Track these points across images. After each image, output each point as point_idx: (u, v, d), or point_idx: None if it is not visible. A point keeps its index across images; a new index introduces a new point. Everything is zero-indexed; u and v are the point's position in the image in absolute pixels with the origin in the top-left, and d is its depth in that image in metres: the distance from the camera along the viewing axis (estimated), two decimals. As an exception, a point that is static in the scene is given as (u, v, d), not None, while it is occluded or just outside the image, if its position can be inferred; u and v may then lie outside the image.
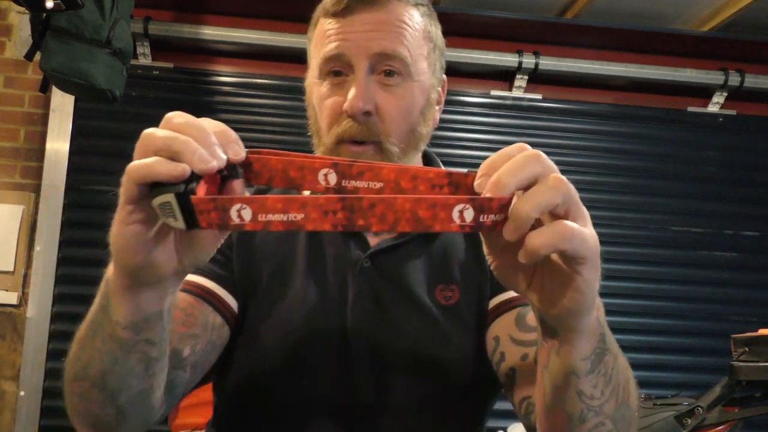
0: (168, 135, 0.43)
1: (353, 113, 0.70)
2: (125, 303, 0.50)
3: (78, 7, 1.62)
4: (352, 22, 0.71)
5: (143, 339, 0.53)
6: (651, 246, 2.46)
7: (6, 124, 2.34)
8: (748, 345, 1.55)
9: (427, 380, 0.73)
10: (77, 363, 0.56)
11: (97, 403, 0.56)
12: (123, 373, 0.54)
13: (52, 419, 2.19)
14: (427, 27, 0.77)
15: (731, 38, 2.43)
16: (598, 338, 0.50)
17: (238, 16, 2.38)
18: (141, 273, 0.48)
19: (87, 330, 0.55)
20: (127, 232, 0.45)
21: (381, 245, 0.76)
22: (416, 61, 0.73)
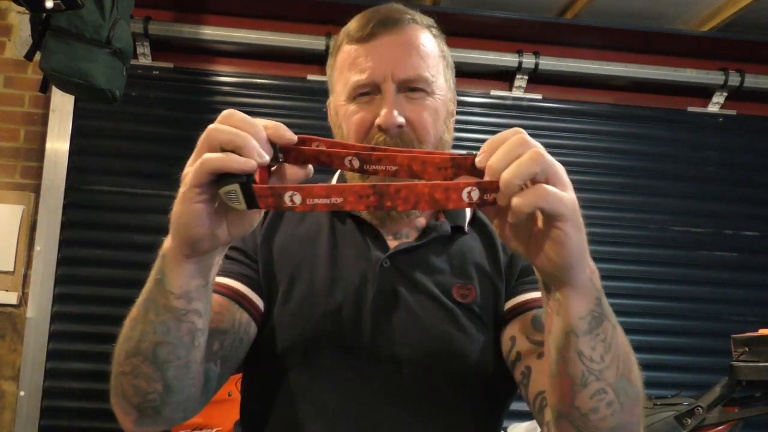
0: (232, 131, 0.52)
1: (387, 126, 0.75)
2: (181, 272, 0.58)
3: (78, 7, 1.62)
4: (376, 47, 0.77)
5: (193, 309, 0.60)
6: (651, 246, 2.46)
7: (6, 124, 2.35)
8: (748, 345, 1.55)
9: (444, 373, 0.75)
10: (128, 342, 0.62)
11: (146, 378, 0.62)
12: (174, 343, 0.61)
13: (52, 419, 2.19)
14: (441, 47, 0.83)
15: (731, 38, 2.43)
16: (594, 300, 0.56)
17: (238, 16, 2.38)
18: (200, 243, 0.56)
19: (140, 308, 0.62)
20: (194, 209, 0.54)
21: (400, 247, 0.80)
22: (436, 78, 0.80)
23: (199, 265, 0.59)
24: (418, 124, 0.77)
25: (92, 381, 2.17)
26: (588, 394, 0.57)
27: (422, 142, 0.77)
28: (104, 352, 2.05)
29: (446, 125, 0.82)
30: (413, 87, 0.77)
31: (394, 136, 0.76)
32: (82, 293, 2.24)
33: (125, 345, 0.62)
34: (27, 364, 2.20)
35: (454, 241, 0.83)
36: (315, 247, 0.82)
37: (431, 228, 0.82)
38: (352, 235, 0.82)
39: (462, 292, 0.79)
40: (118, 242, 2.25)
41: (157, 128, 2.35)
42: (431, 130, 0.78)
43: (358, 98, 0.78)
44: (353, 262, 0.80)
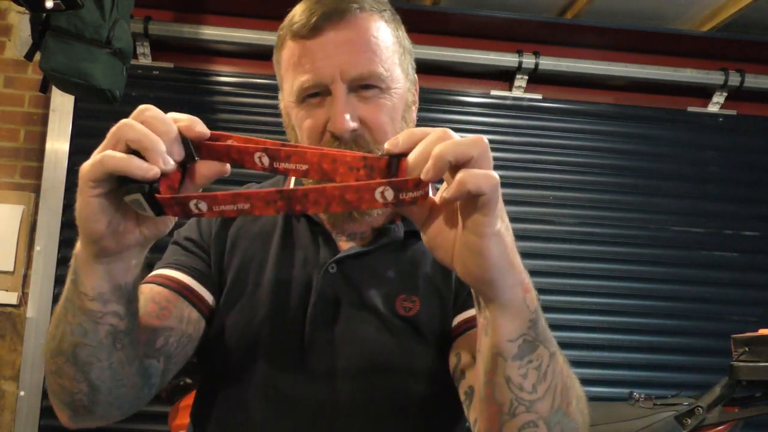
0: (141, 131, 0.49)
1: (341, 133, 0.69)
2: (92, 274, 0.55)
3: (78, 7, 1.61)
4: (322, 44, 0.70)
5: (110, 311, 0.57)
6: (651, 246, 2.46)
7: (6, 124, 2.34)
8: (748, 345, 1.55)
9: (379, 389, 0.72)
10: (52, 341, 0.60)
11: (70, 379, 0.60)
12: (93, 346, 0.58)
13: (52, 419, 2.18)
14: (395, 32, 0.76)
15: (731, 38, 2.43)
16: (526, 323, 0.52)
17: (238, 16, 2.38)
18: (105, 241, 0.52)
19: (60, 308, 0.59)
20: (90, 203, 0.50)
21: (350, 251, 0.77)
22: (391, 72, 0.73)
23: (111, 266, 0.55)
24: (374, 126, 0.71)
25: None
26: (516, 425, 0.53)
27: (379, 144, 0.71)
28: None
29: (405, 120, 0.76)
30: (366, 84, 0.71)
31: (348, 141, 0.70)
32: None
33: (50, 344, 0.61)
34: (27, 364, 2.20)
35: (406, 247, 0.79)
36: (266, 245, 0.79)
37: (384, 232, 0.78)
38: (303, 236, 0.79)
39: (405, 304, 0.75)
40: (118, 242, 2.25)
41: (157, 128, 2.34)
42: (389, 129, 0.72)
43: (307, 100, 0.72)
44: (300, 265, 0.77)
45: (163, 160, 0.49)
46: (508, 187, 2.43)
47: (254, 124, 2.36)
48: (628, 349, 2.39)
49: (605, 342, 2.38)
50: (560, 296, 2.37)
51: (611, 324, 2.40)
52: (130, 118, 0.51)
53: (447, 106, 2.44)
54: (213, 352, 0.76)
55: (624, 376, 2.36)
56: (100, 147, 0.51)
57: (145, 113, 0.51)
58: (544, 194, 2.45)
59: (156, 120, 0.51)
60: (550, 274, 2.37)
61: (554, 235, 2.42)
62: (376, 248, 0.78)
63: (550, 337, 0.55)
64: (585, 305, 2.40)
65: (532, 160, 2.46)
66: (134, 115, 0.51)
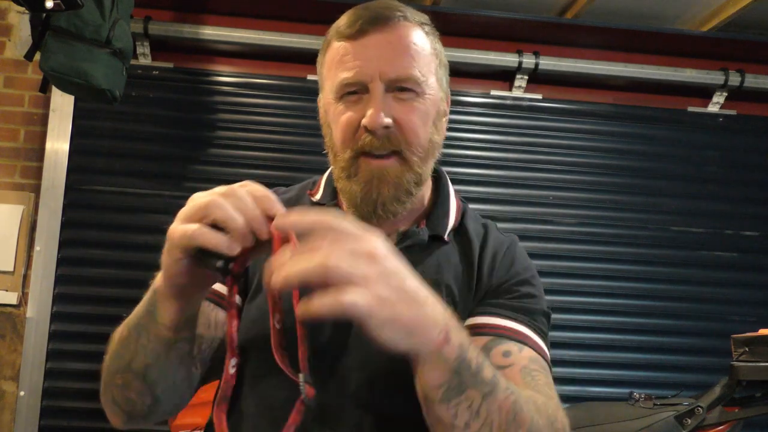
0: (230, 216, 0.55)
1: (374, 128, 0.73)
2: (170, 308, 0.63)
3: (78, 7, 1.61)
4: (365, 45, 0.75)
5: (182, 337, 0.65)
6: (651, 246, 2.46)
7: (6, 124, 2.34)
8: (748, 345, 1.55)
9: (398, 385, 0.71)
10: (119, 359, 0.68)
11: (137, 393, 0.68)
12: (163, 367, 0.66)
13: (52, 419, 2.19)
14: (433, 44, 0.80)
15: (731, 38, 2.43)
16: (448, 372, 0.55)
17: (238, 16, 2.38)
18: (187, 289, 0.61)
19: (131, 330, 0.67)
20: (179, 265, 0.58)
21: None
22: (427, 78, 0.77)
23: (188, 302, 0.63)
24: (405, 126, 0.75)
25: (92, 381, 2.16)
26: None
27: (410, 144, 0.75)
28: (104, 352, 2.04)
29: (436, 126, 0.79)
30: (402, 87, 0.75)
31: (381, 137, 0.74)
32: (82, 293, 2.24)
33: (116, 361, 0.68)
34: (27, 364, 2.20)
35: (431, 250, 0.81)
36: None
37: (409, 235, 0.80)
38: None
39: None
40: (118, 242, 2.25)
41: (157, 128, 2.34)
42: (420, 132, 0.76)
43: (346, 97, 0.76)
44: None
45: (245, 239, 0.55)
46: (509, 187, 2.43)
47: (254, 124, 2.36)
48: (628, 349, 2.39)
49: (605, 342, 2.38)
50: (560, 296, 2.37)
51: (611, 324, 2.40)
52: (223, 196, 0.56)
53: (447, 106, 2.44)
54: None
55: (624, 376, 2.36)
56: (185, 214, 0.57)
57: (236, 194, 0.56)
58: (544, 194, 2.45)
59: (243, 202, 0.56)
60: (550, 274, 2.37)
61: (554, 235, 2.42)
62: (403, 249, 0.78)
63: (486, 377, 0.57)
64: (585, 305, 2.40)
65: (532, 160, 2.46)
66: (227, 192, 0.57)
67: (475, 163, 2.42)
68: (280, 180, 2.07)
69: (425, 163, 0.78)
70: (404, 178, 0.76)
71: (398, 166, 0.75)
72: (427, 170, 0.79)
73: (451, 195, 0.88)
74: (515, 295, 0.79)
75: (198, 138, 2.34)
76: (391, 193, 0.75)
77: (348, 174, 0.77)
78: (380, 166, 0.75)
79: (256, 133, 2.36)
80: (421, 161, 0.77)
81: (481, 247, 0.83)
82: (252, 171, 2.33)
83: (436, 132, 0.79)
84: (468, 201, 0.94)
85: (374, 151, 0.74)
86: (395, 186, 0.75)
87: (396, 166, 0.75)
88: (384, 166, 0.75)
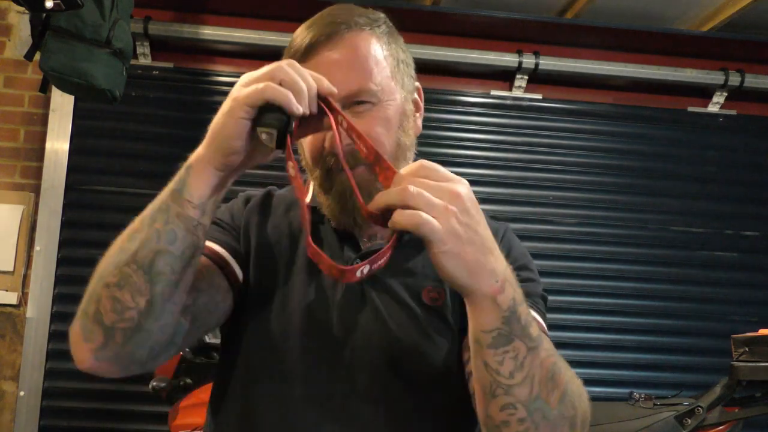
0: (294, 78, 0.59)
1: (336, 150, 0.71)
2: (205, 182, 0.63)
3: (78, 7, 1.61)
4: (315, 66, 0.72)
5: (203, 223, 0.65)
6: (651, 246, 2.46)
7: (6, 124, 2.35)
8: (748, 345, 1.55)
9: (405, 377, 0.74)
10: (121, 254, 0.63)
11: (133, 290, 0.62)
12: (175, 254, 0.63)
13: (52, 419, 2.19)
14: (387, 47, 0.79)
15: (731, 38, 2.43)
16: (499, 319, 0.58)
17: (238, 16, 2.38)
18: (235, 156, 0.62)
19: (144, 219, 0.65)
20: (239, 123, 0.59)
21: (372, 247, 0.80)
22: (384, 87, 0.76)
23: (222, 179, 0.64)
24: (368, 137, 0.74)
25: (92, 381, 2.17)
26: (497, 405, 0.59)
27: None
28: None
29: (403, 129, 0.79)
30: (358, 101, 0.74)
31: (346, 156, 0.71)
32: (82, 293, 2.23)
33: (116, 257, 0.64)
34: (27, 364, 2.20)
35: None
36: (296, 245, 0.82)
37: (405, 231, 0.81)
38: (329, 237, 0.82)
39: (432, 295, 0.77)
40: (118, 242, 2.25)
41: (157, 128, 2.35)
42: (384, 140, 0.75)
43: None
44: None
45: (307, 104, 0.59)
46: (509, 187, 2.43)
47: (254, 124, 2.36)
48: (628, 349, 2.39)
49: (605, 342, 2.38)
50: (560, 296, 2.37)
51: (611, 324, 2.40)
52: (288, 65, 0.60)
53: (447, 106, 2.44)
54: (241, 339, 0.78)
55: (624, 376, 2.36)
56: (254, 79, 0.59)
57: (295, 65, 0.60)
58: (544, 194, 2.45)
59: (305, 74, 0.60)
60: (550, 274, 2.37)
61: (554, 235, 2.43)
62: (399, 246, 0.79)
63: (532, 333, 0.60)
64: (585, 305, 2.40)
65: (532, 160, 2.46)
66: (285, 64, 0.60)
67: (475, 163, 2.42)
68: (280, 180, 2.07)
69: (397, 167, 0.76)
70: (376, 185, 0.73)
71: (368, 176, 0.74)
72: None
73: None
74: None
75: (198, 138, 2.31)
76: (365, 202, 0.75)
77: (324, 189, 0.78)
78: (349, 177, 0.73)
79: (256, 133, 2.36)
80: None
81: None
82: (252, 171, 2.32)
83: (404, 134, 0.79)
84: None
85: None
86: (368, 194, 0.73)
87: (365, 175, 0.74)
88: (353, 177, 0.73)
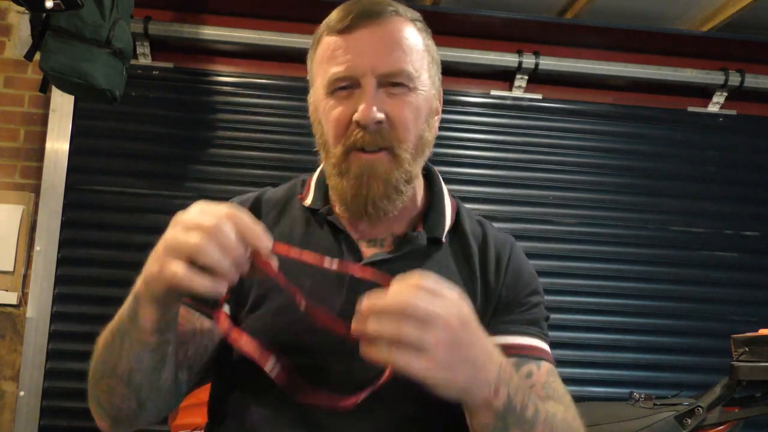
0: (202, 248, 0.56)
1: (366, 123, 0.72)
2: (151, 312, 0.63)
3: (78, 7, 1.61)
4: (356, 39, 0.74)
5: (164, 340, 0.65)
6: (651, 246, 2.46)
7: (6, 124, 2.34)
8: (748, 345, 1.55)
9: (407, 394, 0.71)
10: (103, 364, 0.68)
11: (121, 397, 0.68)
12: (147, 372, 0.66)
13: (52, 419, 2.19)
14: (426, 41, 0.80)
15: (731, 38, 2.43)
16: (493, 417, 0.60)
17: (238, 16, 2.38)
18: (170, 296, 0.61)
19: (115, 336, 0.67)
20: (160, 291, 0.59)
21: (373, 258, 0.78)
22: (419, 74, 0.76)
23: (168, 307, 0.63)
24: (397, 121, 0.74)
25: (92, 381, 2.17)
26: None
27: (401, 141, 0.74)
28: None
29: (428, 123, 0.79)
30: (394, 82, 0.74)
31: (372, 133, 0.73)
32: (82, 293, 2.24)
33: (101, 366, 0.69)
34: (27, 364, 2.20)
35: (430, 255, 0.80)
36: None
37: (407, 240, 0.80)
38: (326, 242, 0.80)
39: None
40: (118, 242, 2.25)
41: (157, 128, 2.34)
42: (411, 127, 0.75)
43: (337, 92, 0.75)
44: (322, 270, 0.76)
45: (227, 278, 0.58)
46: (509, 187, 2.43)
47: (254, 124, 2.36)
48: (628, 349, 2.39)
49: (605, 342, 2.38)
50: (560, 296, 2.37)
51: (611, 324, 2.40)
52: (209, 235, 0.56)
53: (447, 106, 2.44)
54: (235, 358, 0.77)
55: (624, 376, 2.36)
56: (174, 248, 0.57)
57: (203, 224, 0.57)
58: (544, 194, 2.44)
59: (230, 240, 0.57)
60: (550, 274, 2.37)
61: (554, 235, 2.42)
62: (401, 255, 0.78)
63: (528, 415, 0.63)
64: (585, 305, 2.40)
65: (532, 160, 2.46)
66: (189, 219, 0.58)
67: (475, 163, 2.42)
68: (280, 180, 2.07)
69: (415, 161, 0.77)
70: (393, 175, 0.75)
71: (388, 163, 0.74)
72: (417, 168, 0.79)
73: (445, 194, 0.87)
74: (526, 306, 0.81)
75: (198, 138, 2.34)
76: (380, 190, 0.75)
77: (339, 170, 0.76)
78: (370, 161, 0.74)
79: (256, 133, 2.36)
80: (411, 158, 0.76)
81: (482, 250, 0.83)
82: (252, 171, 2.33)
83: (428, 129, 0.79)
84: (468, 201, 0.94)
85: (365, 146, 0.73)
86: (385, 182, 0.74)
87: (386, 162, 0.74)
88: (373, 161, 0.74)
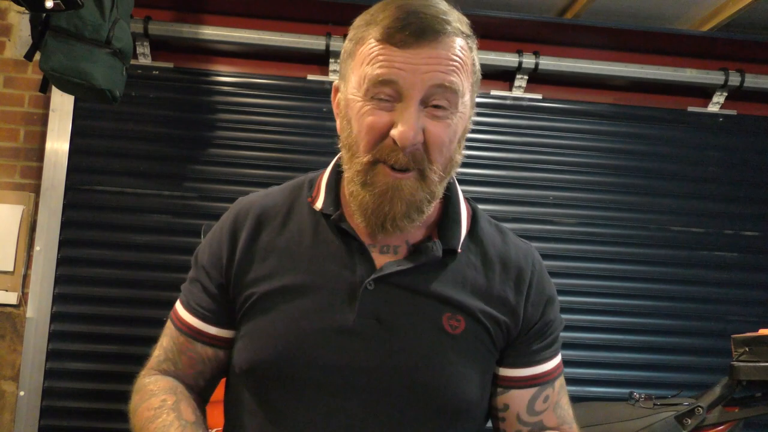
0: None
1: (404, 145, 0.69)
2: None
3: (78, 7, 1.61)
4: (414, 54, 0.69)
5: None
6: (651, 246, 2.46)
7: (6, 124, 2.34)
8: (748, 345, 1.55)
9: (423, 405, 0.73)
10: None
11: None
12: None
13: (52, 419, 2.19)
14: (474, 59, 0.79)
15: (731, 38, 2.43)
16: None
17: (238, 16, 2.38)
18: None
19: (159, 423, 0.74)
20: None
21: (387, 269, 0.76)
22: (464, 94, 0.75)
23: None
24: (433, 145, 0.71)
25: (92, 381, 2.17)
26: None
27: (432, 163, 0.72)
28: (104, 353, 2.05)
29: (459, 145, 0.76)
30: (437, 104, 0.71)
31: (407, 153, 0.70)
32: (82, 293, 2.24)
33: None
34: (27, 364, 2.20)
35: (446, 266, 0.78)
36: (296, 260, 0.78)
37: (422, 250, 0.77)
38: (337, 249, 0.78)
39: (452, 322, 0.75)
40: (118, 242, 2.25)
41: (157, 128, 2.34)
42: (444, 151, 0.72)
43: (377, 97, 0.71)
44: (334, 279, 0.76)
45: None
46: (509, 187, 2.43)
47: (254, 124, 2.36)
48: (628, 349, 2.39)
49: (605, 342, 2.38)
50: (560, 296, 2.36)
51: (611, 324, 2.40)
52: None
53: (447, 106, 2.44)
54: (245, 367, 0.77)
55: (624, 376, 2.36)
56: None
57: None
58: (544, 194, 2.45)
59: None
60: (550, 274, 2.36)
61: (554, 235, 2.43)
62: (416, 266, 0.77)
63: None
64: (585, 305, 2.40)
65: (532, 160, 2.46)
66: None
67: (475, 163, 2.42)
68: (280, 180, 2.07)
69: (441, 183, 0.75)
70: (418, 195, 0.73)
71: (415, 183, 0.72)
72: (441, 189, 0.77)
73: (461, 200, 0.86)
74: (550, 329, 0.83)
75: (198, 138, 2.34)
76: (402, 210, 0.72)
77: (363, 181, 0.73)
78: (397, 180, 0.71)
79: (256, 133, 2.36)
80: (439, 180, 0.74)
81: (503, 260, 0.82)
82: (252, 171, 2.33)
83: (459, 151, 0.76)
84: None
85: (396, 165, 0.71)
86: (408, 203, 0.72)
87: (413, 183, 0.72)
88: (401, 180, 0.71)
